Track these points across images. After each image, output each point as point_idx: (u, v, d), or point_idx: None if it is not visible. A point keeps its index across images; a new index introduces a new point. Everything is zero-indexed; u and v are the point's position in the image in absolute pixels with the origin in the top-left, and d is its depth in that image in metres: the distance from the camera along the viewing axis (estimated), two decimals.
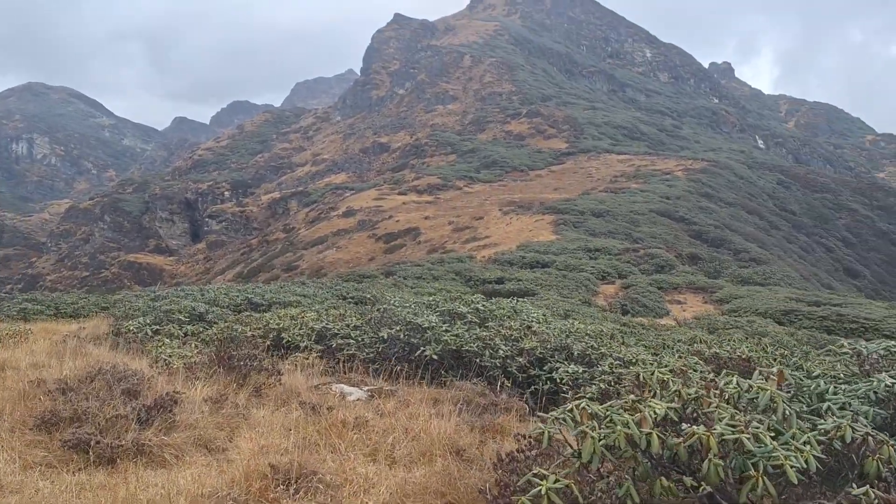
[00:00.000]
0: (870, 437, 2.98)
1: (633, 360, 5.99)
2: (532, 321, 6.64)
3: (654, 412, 2.90)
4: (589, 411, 2.93)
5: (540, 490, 2.89)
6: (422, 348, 5.95)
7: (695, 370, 5.02)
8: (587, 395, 4.73)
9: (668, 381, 3.32)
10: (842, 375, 4.54)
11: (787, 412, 3.08)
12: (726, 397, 3.13)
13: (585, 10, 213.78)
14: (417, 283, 28.73)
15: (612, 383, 5.23)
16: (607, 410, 2.91)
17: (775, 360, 5.91)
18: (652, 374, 3.42)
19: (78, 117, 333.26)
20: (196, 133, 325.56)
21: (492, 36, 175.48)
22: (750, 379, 3.32)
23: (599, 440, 2.78)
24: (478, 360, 5.87)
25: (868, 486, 2.79)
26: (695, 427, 2.84)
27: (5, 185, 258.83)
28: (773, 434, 2.80)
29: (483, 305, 6.94)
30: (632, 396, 3.04)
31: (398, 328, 6.33)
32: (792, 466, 2.74)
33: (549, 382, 5.74)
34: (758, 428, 2.74)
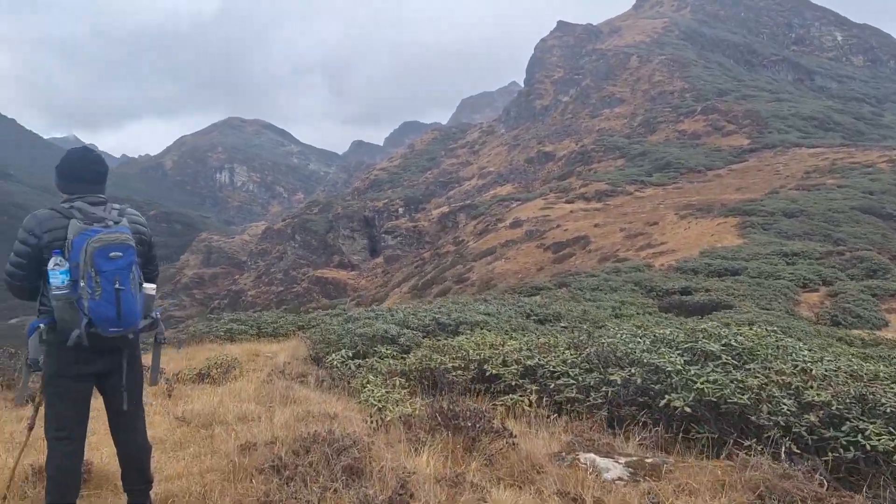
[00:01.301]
0: None
1: None
2: (806, 361, 5.08)
3: None
4: None
5: None
6: (666, 397, 4.77)
7: None
8: None
9: None
10: None
11: None
12: None
13: None
14: (595, 295, 27.62)
15: None
16: None
17: None
18: None
19: (270, 146, 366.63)
20: (371, 154, 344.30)
21: (660, 34, 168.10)
22: None
23: None
24: (753, 418, 4.50)
25: None
26: None
27: (212, 210, 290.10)
28: None
29: (736, 341, 5.55)
30: None
31: (632, 370, 5.23)
32: None
33: (851, 449, 4.25)
34: None
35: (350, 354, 8.09)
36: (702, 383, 4.70)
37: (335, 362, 7.52)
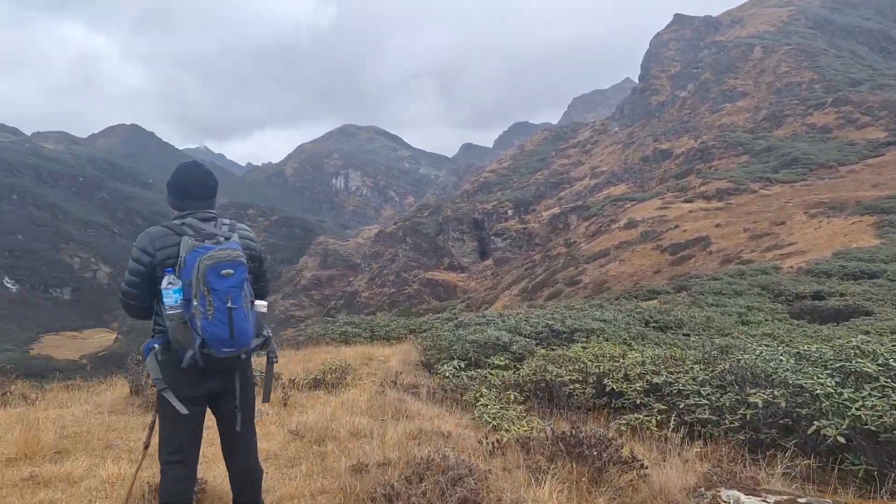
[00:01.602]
0: None
1: None
2: None
3: None
4: None
5: None
6: (815, 423, 4.20)
7: None
8: None
9: None
10: None
11: None
12: None
13: None
14: (718, 300, 26.20)
15: None
16: None
17: None
18: None
19: (383, 152, 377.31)
20: (481, 157, 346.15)
21: (785, 22, 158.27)
22: None
23: None
24: None
25: None
26: None
27: (329, 214, 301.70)
28: None
29: None
30: None
31: (774, 392, 4.60)
32: None
33: None
34: None
35: (462, 365, 7.79)
36: (857, 409, 4.09)
37: (447, 373, 7.25)
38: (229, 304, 3.36)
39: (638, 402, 5.53)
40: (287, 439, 5.52)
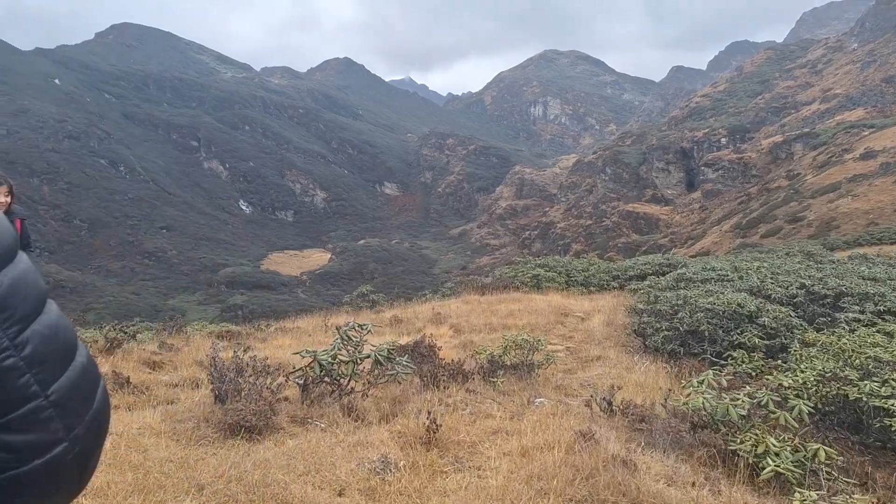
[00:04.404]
0: None
1: None
2: None
3: None
4: None
5: None
6: None
7: None
8: None
9: None
10: None
11: None
12: None
13: None
14: None
15: None
16: None
17: None
18: None
19: (583, 77, 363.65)
20: (692, 80, 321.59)
21: None
22: None
23: None
24: None
25: None
26: None
27: (525, 143, 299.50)
28: None
29: None
30: None
31: None
32: None
33: None
34: None
35: (722, 381, 4.89)
36: None
37: (698, 399, 4.50)
38: None
39: None
40: None
